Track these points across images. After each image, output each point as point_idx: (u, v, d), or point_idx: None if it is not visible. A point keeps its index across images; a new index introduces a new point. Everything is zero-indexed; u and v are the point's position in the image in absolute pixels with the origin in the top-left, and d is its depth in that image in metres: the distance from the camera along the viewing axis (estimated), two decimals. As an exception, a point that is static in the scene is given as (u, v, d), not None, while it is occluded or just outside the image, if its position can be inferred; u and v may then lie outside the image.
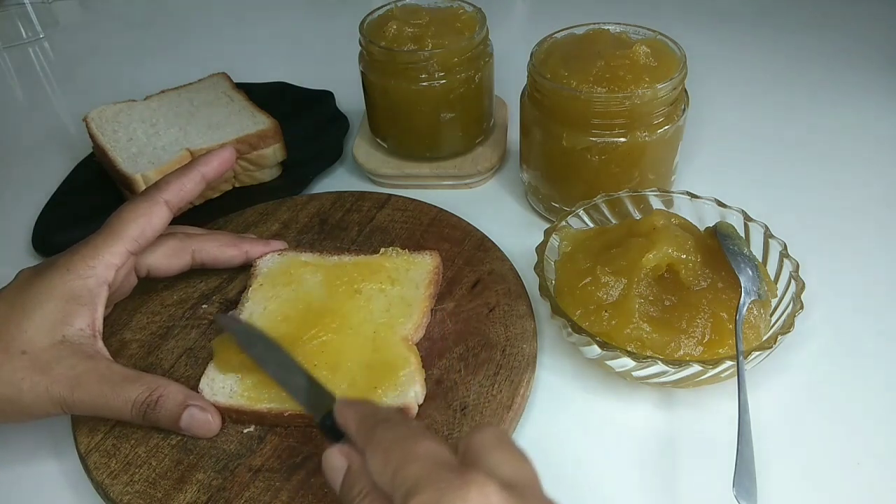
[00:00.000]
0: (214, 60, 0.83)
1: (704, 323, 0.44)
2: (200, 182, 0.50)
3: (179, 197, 0.48)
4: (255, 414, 0.43)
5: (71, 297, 0.43)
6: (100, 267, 0.44)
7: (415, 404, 0.43)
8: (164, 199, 0.47)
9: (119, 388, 0.41)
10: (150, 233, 0.47)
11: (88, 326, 0.43)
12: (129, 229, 0.46)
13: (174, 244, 0.50)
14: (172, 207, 0.48)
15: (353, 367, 0.44)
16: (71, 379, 0.41)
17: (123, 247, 0.45)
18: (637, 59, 0.52)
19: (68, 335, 0.42)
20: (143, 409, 0.41)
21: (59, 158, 0.72)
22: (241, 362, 0.44)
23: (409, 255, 0.52)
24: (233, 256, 0.52)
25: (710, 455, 0.42)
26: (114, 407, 0.41)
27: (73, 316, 0.43)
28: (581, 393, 0.47)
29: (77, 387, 0.41)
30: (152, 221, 0.47)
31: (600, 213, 0.53)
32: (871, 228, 0.58)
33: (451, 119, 0.61)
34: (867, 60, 0.79)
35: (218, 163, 0.50)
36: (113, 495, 0.40)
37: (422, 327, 0.48)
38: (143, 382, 0.42)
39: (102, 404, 0.41)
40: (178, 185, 0.48)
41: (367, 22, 0.61)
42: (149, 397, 0.42)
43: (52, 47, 0.96)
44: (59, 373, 0.41)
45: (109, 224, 0.46)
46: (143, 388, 0.42)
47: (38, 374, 0.41)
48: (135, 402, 0.41)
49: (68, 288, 0.43)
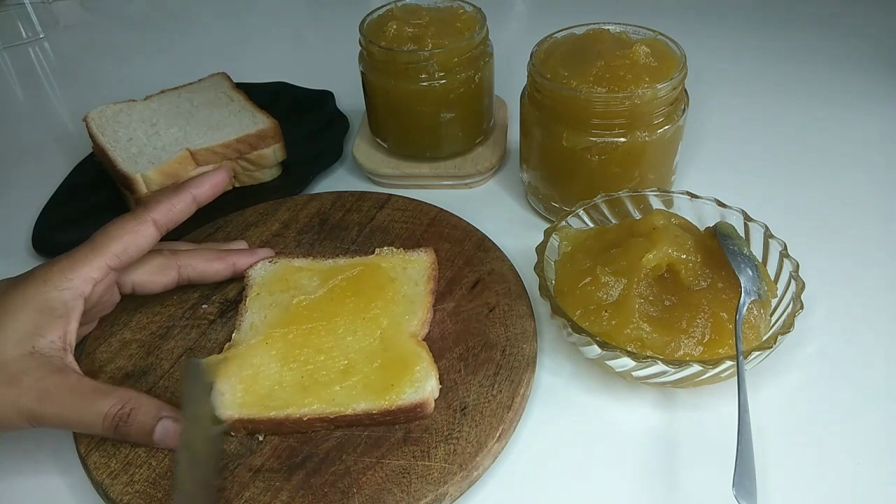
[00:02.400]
0: (214, 60, 0.83)
1: (704, 323, 0.44)
2: (191, 204, 0.49)
3: (168, 217, 0.48)
4: (270, 422, 0.42)
5: (45, 308, 0.42)
6: (77, 280, 0.44)
7: (431, 399, 0.43)
8: (153, 218, 0.47)
9: (90, 402, 0.41)
10: (133, 250, 0.46)
11: (60, 339, 0.42)
12: (112, 245, 0.45)
13: (160, 261, 0.49)
14: (160, 227, 0.47)
15: (365, 369, 0.44)
16: (40, 391, 0.40)
17: (104, 261, 0.45)
18: (637, 59, 0.52)
19: (39, 346, 0.41)
20: (115, 422, 0.40)
21: (59, 158, 0.72)
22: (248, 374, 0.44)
23: (405, 253, 0.52)
24: (219, 270, 0.51)
25: (710, 455, 0.42)
26: (85, 420, 0.41)
27: (45, 327, 0.42)
28: (581, 393, 0.47)
29: (47, 399, 0.40)
30: (137, 239, 0.46)
31: (600, 213, 0.53)
32: (871, 228, 0.58)
33: (451, 119, 0.61)
34: (867, 60, 0.79)
35: (210, 186, 0.50)
36: (113, 495, 0.40)
37: (427, 323, 0.48)
38: (115, 395, 0.41)
39: (73, 418, 0.41)
40: (168, 206, 0.48)
41: (367, 22, 0.61)
42: (121, 410, 0.41)
43: (52, 47, 0.96)
44: (28, 385, 0.40)
45: (93, 239, 0.46)
46: (114, 400, 0.41)
47: (6, 385, 0.40)
48: (106, 415, 0.40)
49: (43, 299, 0.42)
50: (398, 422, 0.43)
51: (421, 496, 0.39)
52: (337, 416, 0.42)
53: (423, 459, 0.41)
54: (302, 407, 0.42)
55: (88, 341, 0.49)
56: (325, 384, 0.43)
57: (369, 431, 0.43)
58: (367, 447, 0.42)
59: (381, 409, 0.42)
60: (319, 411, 0.42)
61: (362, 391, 0.43)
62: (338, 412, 0.42)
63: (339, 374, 0.44)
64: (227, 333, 0.49)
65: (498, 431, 0.42)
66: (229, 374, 0.44)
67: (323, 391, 0.43)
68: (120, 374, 0.47)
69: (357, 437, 0.42)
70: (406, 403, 0.42)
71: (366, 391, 0.43)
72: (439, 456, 0.41)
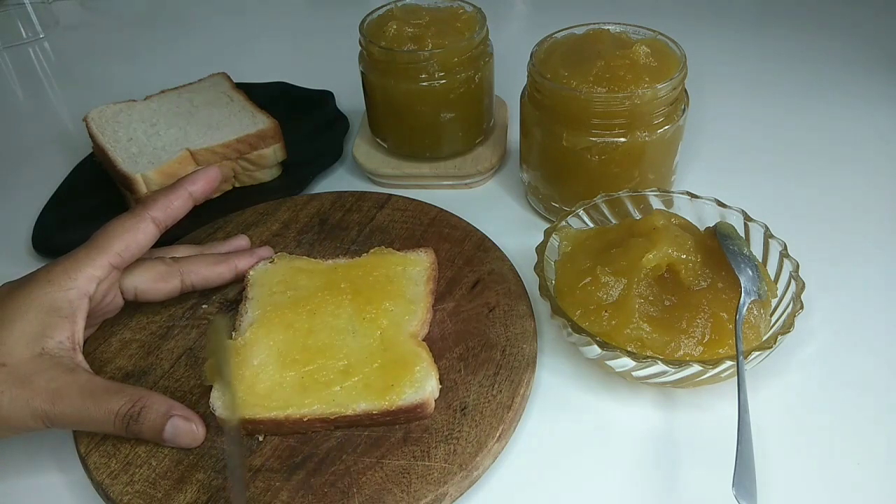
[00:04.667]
0: (214, 60, 0.83)
1: (704, 323, 0.44)
2: (188, 200, 0.50)
3: (166, 214, 0.48)
4: (270, 422, 0.42)
5: (51, 308, 0.43)
6: (81, 279, 0.44)
7: (431, 399, 0.43)
8: (151, 215, 0.47)
9: (101, 400, 0.41)
10: (134, 248, 0.46)
11: (68, 339, 0.43)
12: (114, 243, 0.45)
13: (162, 269, 0.49)
14: (159, 224, 0.48)
15: (365, 369, 0.44)
16: (52, 392, 0.40)
17: (106, 259, 0.45)
18: (637, 59, 0.52)
19: (48, 347, 0.42)
20: (125, 420, 0.41)
21: (59, 158, 0.72)
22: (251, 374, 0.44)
23: (405, 253, 0.52)
24: (222, 273, 0.51)
25: (710, 455, 0.42)
26: (96, 419, 0.41)
27: (52, 328, 0.42)
28: (581, 393, 0.47)
29: (58, 400, 0.40)
30: (138, 237, 0.47)
31: (600, 213, 0.53)
32: (871, 228, 0.58)
33: (451, 119, 0.61)
34: (867, 60, 0.79)
35: (204, 181, 0.51)
36: (113, 495, 0.40)
37: (426, 323, 0.48)
38: (126, 394, 0.41)
39: (85, 417, 0.41)
40: (166, 203, 0.48)
41: (367, 22, 0.61)
42: (131, 408, 0.41)
43: (52, 47, 0.96)
44: (40, 386, 0.40)
45: (94, 238, 0.46)
46: (125, 399, 0.41)
47: (18, 387, 0.40)
48: (117, 413, 0.41)
49: (49, 300, 0.43)
50: (398, 422, 0.43)
51: (421, 496, 0.39)
52: (337, 417, 0.42)
53: (423, 459, 0.41)
54: (302, 407, 0.42)
55: (88, 341, 0.49)
56: (326, 384, 0.43)
57: (369, 431, 0.43)
58: (367, 447, 0.42)
59: (381, 410, 0.42)
60: (319, 411, 0.42)
61: (362, 391, 0.43)
62: (338, 412, 0.42)
63: (339, 375, 0.44)
64: (227, 334, 0.49)
65: (498, 431, 0.42)
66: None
67: (323, 391, 0.43)
68: (120, 375, 0.47)
69: (357, 437, 0.42)
70: (406, 404, 0.42)
71: (366, 391, 0.43)
72: (439, 456, 0.41)
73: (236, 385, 0.43)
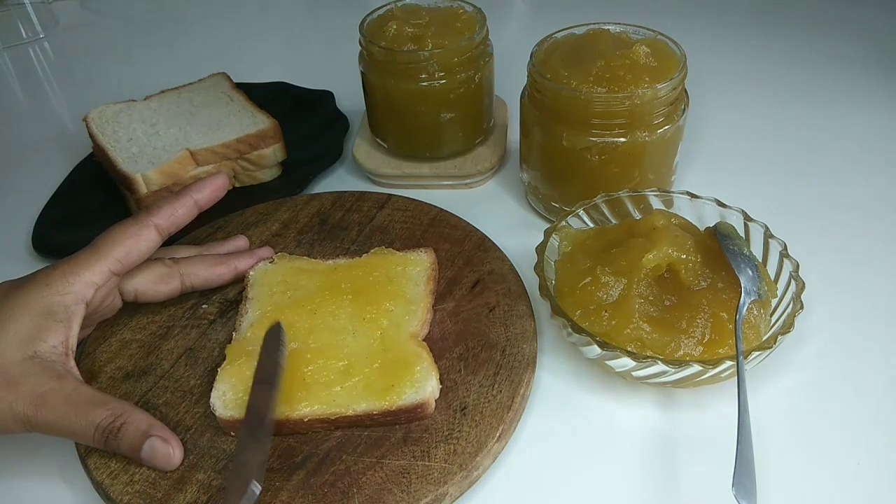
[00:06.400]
0: (214, 60, 0.83)
1: (704, 323, 0.44)
2: (193, 208, 0.50)
3: (170, 222, 0.48)
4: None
5: (47, 312, 0.42)
6: (79, 284, 0.44)
7: (432, 400, 0.43)
8: (155, 222, 0.47)
9: (84, 411, 0.40)
10: (135, 255, 0.46)
11: (62, 343, 0.42)
12: (115, 249, 0.45)
13: (162, 270, 0.49)
14: (162, 232, 0.48)
15: (365, 370, 0.44)
16: (36, 398, 0.40)
17: (106, 266, 0.45)
18: (637, 59, 0.52)
19: (40, 351, 0.42)
20: (104, 434, 0.40)
21: (59, 158, 0.72)
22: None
23: (405, 253, 0.52)
24: (222, 274, 0.51)
25: (710, 455, 0.42)
26: (77, 430, 0.40)
27: (46, 332, 0.42)
28: (581, 393, 0.47)
29: (42, 406, 0.40)
30: (139, 244, 0.46)
31: (600, 213, 0.53)
32: (871, 228, 0.58)
33: (451, 119, 0.61)
34: (867, 60, 0.79)
35: (211, 190, 0.50)
36: (113, 495, 0.40)
37: (426, 323, 0.48)
38: (109, 407, 0.41)
39: (66, 426, 0.40)
40: (170, 211, 0.48)
41: (367, 22, 0.61)
42: (112, 423, 0.40)
43: (52, 47, 0.96)
44: (26, 390, 0.40)
45: (95, 243, 0.46)
46: (107, 412, 0.40)
47: (4, 389, 0.40)
48: (97, 426, 0.40)
49: (45, 303, 0.42)
50: (398, 422, 0.43)
51: (421, 496, 0.39)
52: (337, 417, 0.42)
53: (423, 459, 0.41)
54: (302, 407, 0.42)
55: (89, 341, 0.49)
56: (326, 384, 0.43)
57: (369, 431, 0.43)
58: (367, 447, 0.42)
59: (381, 410, 0.42)
60: (320, 412, 0.42)
61: (362, 392, 0.43)
62: (338, 413, 0.42)
63: (339, 375, 0.44)
64: (227, 333, 0.49)
65: (498, 431, 0.42)
66: (229, 374, 0.44)
67: (323, 391, 0.43)
68: (120, 374, 0.47)
69: (357, 438, 0.42)
70: (406, 404, 0.42)
71: (366, 392, 0.43)
72: (439, 456, 0.41)
73: (235, 386, 0.43)
